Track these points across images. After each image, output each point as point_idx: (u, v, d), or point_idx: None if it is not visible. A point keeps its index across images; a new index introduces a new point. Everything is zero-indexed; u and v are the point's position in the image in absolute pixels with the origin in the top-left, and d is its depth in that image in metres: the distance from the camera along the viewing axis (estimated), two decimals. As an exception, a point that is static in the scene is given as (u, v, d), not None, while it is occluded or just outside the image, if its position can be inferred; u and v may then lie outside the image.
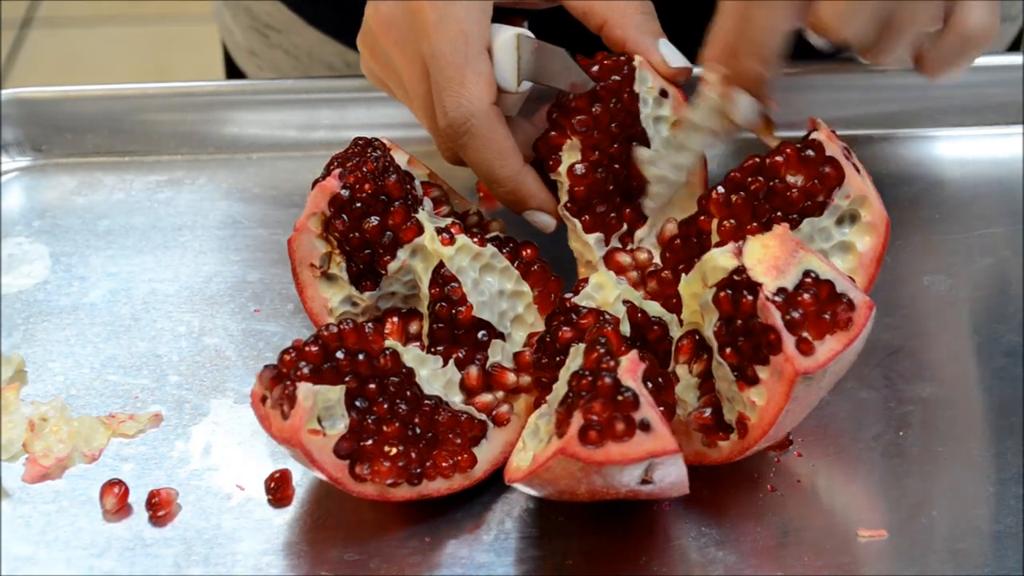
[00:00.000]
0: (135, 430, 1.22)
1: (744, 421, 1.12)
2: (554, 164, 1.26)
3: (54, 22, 3.86)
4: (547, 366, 1.16)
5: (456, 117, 1.22)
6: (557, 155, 1.26)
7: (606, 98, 1.25)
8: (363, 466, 1.11)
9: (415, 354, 1.16)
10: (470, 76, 1.22)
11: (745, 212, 1.19)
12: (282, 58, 1.62)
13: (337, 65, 1.59)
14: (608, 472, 1.05)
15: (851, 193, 1.18)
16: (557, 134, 1.26)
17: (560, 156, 1.26)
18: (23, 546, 1.15)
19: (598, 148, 1.25)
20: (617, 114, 1.26)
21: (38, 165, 1.50)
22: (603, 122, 1.25)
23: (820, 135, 1.18)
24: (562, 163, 1.25)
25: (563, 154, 1.26)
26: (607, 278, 1.19)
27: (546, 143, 1.26)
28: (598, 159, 1.25)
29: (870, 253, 1.19)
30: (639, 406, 1.04)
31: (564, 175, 1.26)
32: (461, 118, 1.22)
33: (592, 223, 1.26)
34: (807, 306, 1.09)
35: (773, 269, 1.11)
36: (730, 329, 1.12)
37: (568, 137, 1.25)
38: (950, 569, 1.09)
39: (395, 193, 1.20)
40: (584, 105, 1.25)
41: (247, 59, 1.68)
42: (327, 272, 1.22)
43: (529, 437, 1.13)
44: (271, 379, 1.11)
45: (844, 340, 1.09)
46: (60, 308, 1.34)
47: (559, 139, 1.26)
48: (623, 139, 1.26)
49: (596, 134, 1.25)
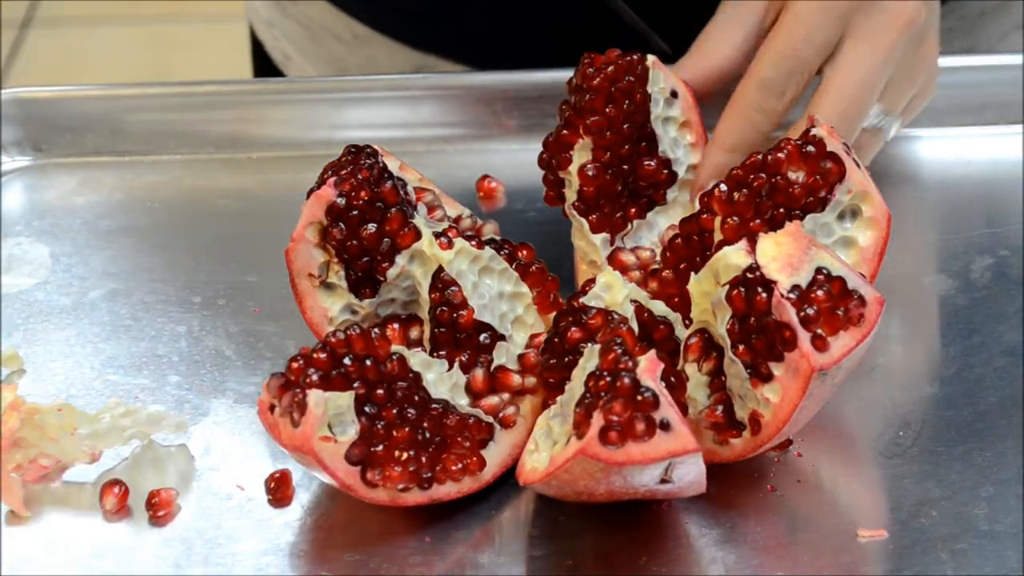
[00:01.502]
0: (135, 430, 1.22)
1: (757, 418, 1.12)
2: (564, 163, 1.26)
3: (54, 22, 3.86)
4: (555, 367, 1.16)
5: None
6: (568, 154, 1.25)
7: (620, 99, 1.25)
8: (375, 472, 1.11)
9: (421, 358, 1.16)
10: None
11: (748, 209, 1.19)
12: (295, 29, 1.63)
13: (345, 37, 1.59)
14: (628, 472, 1.05)
15: (852, 188, 1.18)
16: (569, 132, 1.25)
17: (571, 155, 1.25)
18: (23, 546, 1.15)
19: (609, 149, 1.25)
20: (630, 115, 1.26)
21: (38, 165, 1.50)
22: (616, 124, 1.25)
23: (820, 131, 1.18)
24: (573, 162, 1.25)
25: (574, 153, 1.25)
26: (615, 278, 1.19)
27: (557, 141, 1.26)
28: (609, 160, 1.25)
29: (872, 248, 1.19)
30: (659, 406, 1.04)
31: (575, 174, 1.25)
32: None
33: (599, 223, 1.26)
34: (821, 303, 1.10)
35: (787, 266, 1.11)
36: (743, 326, 1.12)
37: (580, 136, 1.25)
38: (950, 569, 1.09)
39: (391, 199, 1.20)
40: (599, 106, 1.24)
41: (265, 29, 1.69)
42: (326, 281, 1.22)
43: (542, 438, 1.13)
44: (279, 387, 1.10)
45: (857, 336, 1.10)
46: (60, 308, 1.34)
47: (571, 138, 1.25)
48: (634, 140, 1.26)
49: (609, 135, 1.25)
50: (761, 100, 1.26)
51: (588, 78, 1.25)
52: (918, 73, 1.32)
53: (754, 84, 1.26)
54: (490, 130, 1.49)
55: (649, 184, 1.27)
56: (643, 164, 1.27)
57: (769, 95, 1.26)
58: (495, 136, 1.48)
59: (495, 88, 1.49)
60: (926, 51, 1.32)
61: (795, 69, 1.26)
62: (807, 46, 1.26)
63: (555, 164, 1.26)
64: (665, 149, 1.27)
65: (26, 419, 1.18)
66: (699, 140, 1.28)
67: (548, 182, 1.28)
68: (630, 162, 1.26)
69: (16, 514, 1.16)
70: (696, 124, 1.28)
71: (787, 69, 1.26)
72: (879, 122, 1.32)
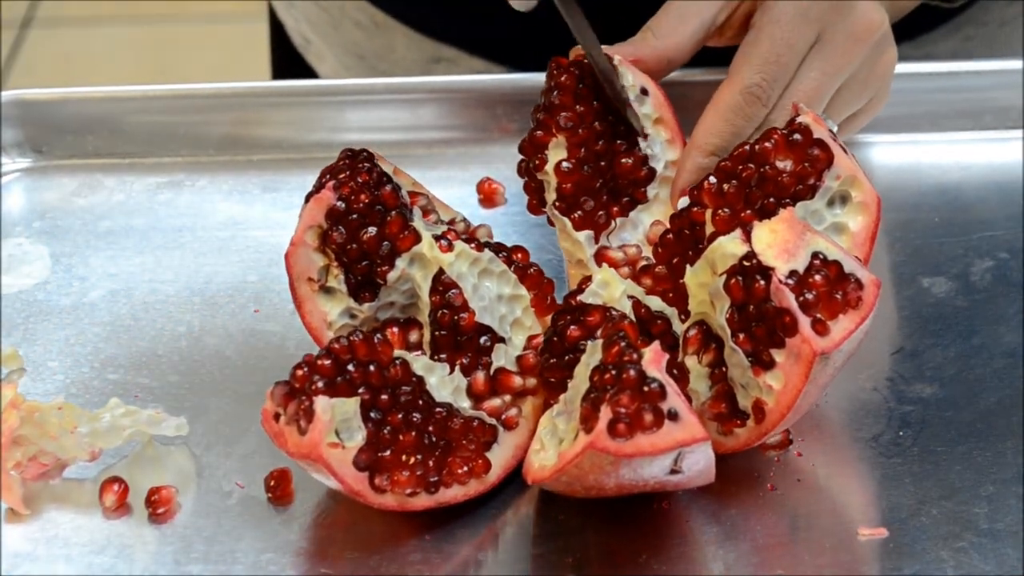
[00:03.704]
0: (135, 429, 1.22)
1: (761, 406, 1.12)
2: (540, 163, 1.26)
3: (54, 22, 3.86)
4: (556, 366, 1.17)
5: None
6: (543, 153, 1.26)
7: (587, 95, 1.25)
8: (382, 477, 1.11)
9: (424, 362, 1.16)
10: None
11: (739, 200, 1.20)
12: (316, 12, 1.63)
13: (364, 23, 1.59)
14: (638, 464, 1.05)
15: (841, 174, 1.19)
16: (543, 133, 1.26)
17: (546, 155, 1.26)
18: (22, 544, 1.15)
19: (584, 145, 1.26)
20: (600, 112, 1.26)
21: (38, 166, 1.50)
22: (587, 119, 1.25)
23: (806, 118, 1.19)
24: (548, 161, 1.26)
25: (549, 152, 1.26)
26: (611, 275, 1.19)
27: (532, 142, 1.26)
28: (584, 156, 1.26)
29: (863, 232, 1.19)
30: (666, 396, 1.05)
31: (551, 173, 1.26)
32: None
33: (582, 221, 1.27)
34: (819, 287, 1.11)
35: (783, 253, 1.12)
36: (743, 315, 1.12)
37: (554, 135, 1.26)
38: (950, 569, 1.09)
39: (391, 203, 1.20)
40: (567, 101, 1.25)
41: (286, 10, 1.70)
42: (325, 285, 1.21)
43: (547, 437, 1.13)
44: (284, 395, 1.10)
45: (856, 319, 1.11)
46: (60, 308, 1.34)
47: (545, 138, 1.26)
48: (609, 136, 1.27)
49: (582, 131, 1.25)
50: (746, 106, 1.25)
51: (555, 77, 1.26)
52: (870, 84, 1.32)
53: (739, 90, 1.25)
54: (490, 133, 1.49)
55: (629, 181, 1.28)
56: (620, 161, 1.27)
57: (755, 101, 1.25)
58: (496, 139, 1.48)
59: (496, 91, 1.49)
60: (886, 61, 1.32)
61: (779, 76, 1.25)
62: (789, 52, 1.25)
63: (533, 167, 1.27)
64: (642, 146, 1.28)
65: (26, 417, 1.18)
66: (675, 136, 1.29)
67: (529, 189, 1.29)
68: (607, 159, 1.27)
69: (16, 512, 1.16)
70: (670, 120, 1.29)
71: (771, 75, 1.25)
72: None
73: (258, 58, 2.15)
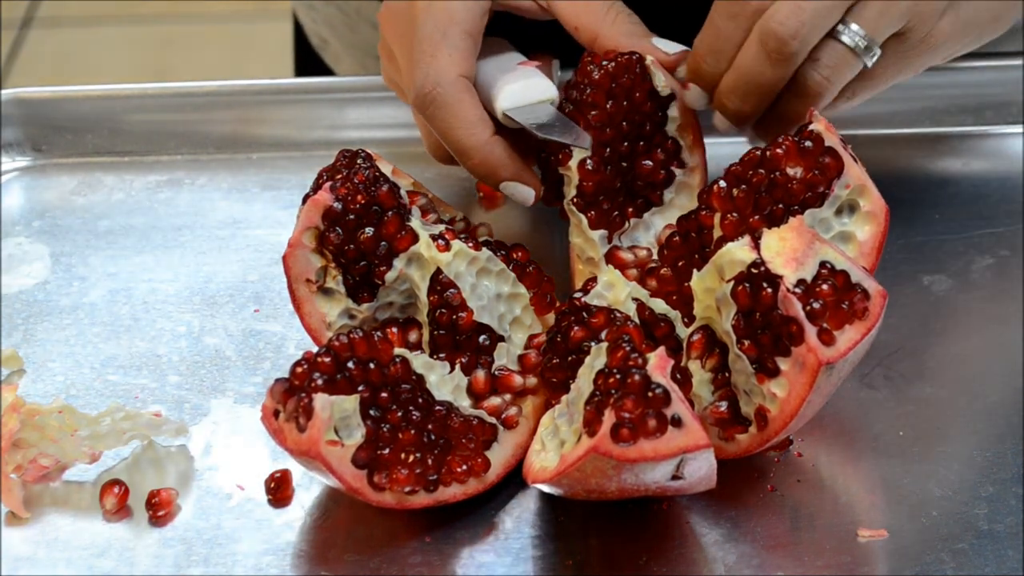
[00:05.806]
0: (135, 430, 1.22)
1: (764, 413, 1.12)
2: (564, 158, 1.26)
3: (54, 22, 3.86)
4: (558, 366, 1.16)
5: (422, 86, 1.21)
6: (568, 149, 1.25)
7: (620, 95, 1.25)
8: (381, 475, 1.11)
9: (424, 361, 1.15)
10: (444, 50, 1.22)
11: (747, 205, 1.19)
12: (334, 13, 1.63)
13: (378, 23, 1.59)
14: (640, 469, 1.05)
15: (850, 183, 1.18)
16: None
17: (571, 151, 1.25)
18: (23, 546, 1.15)
19: (609, 145, 1.25)
20: (629, 113, 1.26)
21: (38, 165, 1.50)
22: (616, 119, 1.25)
23: (818, 126, 1.18)
24: (572, 157, 1.25)
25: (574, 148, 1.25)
26: (617, 277, 1.19)
27: None
28: (608, 156, 1.25)
29: (871, 242, 1.19)
30: (670, 402, 1.05)
31: (574, 169, 1.25)
32: (427, 86, 1.21)
33: (597, 219, 1.26)
34: (826, 296, 1.10)
35: (792, 261, 1.11)
36: (749, 322, 1.12)
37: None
38: (950, 569, 1.09)
39: (388, 203, 1.20)
40: (599, 100, 1.25)
41: (306, 12, 1.70)
42: (323, 286, 1.21)
43: (548, 438, 1.13)
44: (283, 392, 1.10)
45: (862, 329, 1.11)
46: (60, 308, 1.34)
47: None
48: (633, 138, 1.26)
49: (609, 131, 1.25)
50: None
51: (588, 74, 1.25)
52: None
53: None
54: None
55: (647, 184, 1.27)
56: (641, 163, 1.27)
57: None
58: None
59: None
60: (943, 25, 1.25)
61: None
62: None
63: (554, 161, 1.26)
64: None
65: (26, 420, 1.18)
66: (696, 143, 1.29)
67: (545, 181, 1.28)
68: (629, 160, 1.27)
69: (16, 515, 1.16)
70: (693, 126, 1.28)
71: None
72: (857, 42, 1.24)
73: (258, 57, 2.18)
